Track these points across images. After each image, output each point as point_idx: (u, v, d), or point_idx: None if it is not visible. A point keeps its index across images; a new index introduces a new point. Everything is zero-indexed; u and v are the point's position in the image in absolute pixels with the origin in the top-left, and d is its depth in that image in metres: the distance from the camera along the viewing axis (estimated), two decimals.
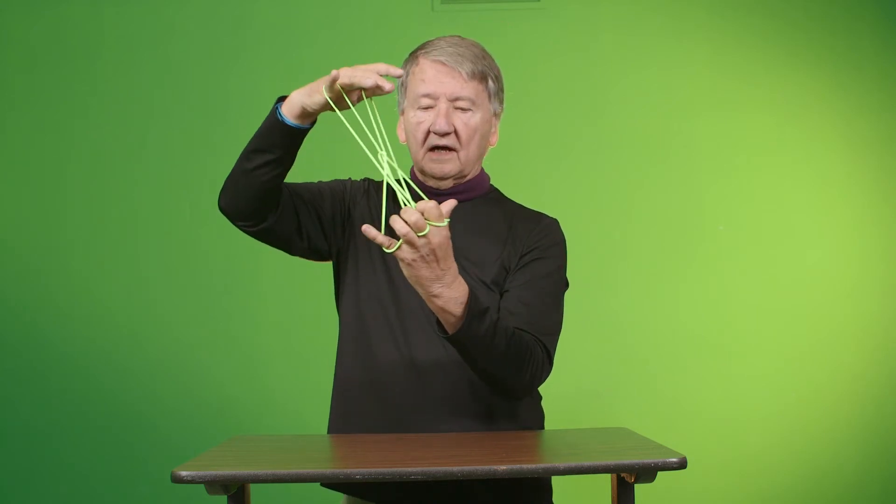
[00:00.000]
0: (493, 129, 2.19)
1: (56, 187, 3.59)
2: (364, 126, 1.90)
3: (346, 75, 1.92)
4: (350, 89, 1.93)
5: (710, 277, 3.59)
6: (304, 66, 3.59)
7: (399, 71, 1.97)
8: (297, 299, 3.56)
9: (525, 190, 2.29)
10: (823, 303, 3.59)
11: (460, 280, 1.88)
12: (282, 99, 2.01)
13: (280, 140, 2.00)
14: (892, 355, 3.59)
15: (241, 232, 3.70)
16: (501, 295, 2.11)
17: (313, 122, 2.02)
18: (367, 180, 2.24)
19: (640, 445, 1.83)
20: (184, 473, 1.60)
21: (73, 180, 3.59)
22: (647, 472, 1.65)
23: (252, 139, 2.04)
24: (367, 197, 2.20)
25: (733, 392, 3.56)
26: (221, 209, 2.11)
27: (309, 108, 1.97)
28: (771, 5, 3.64)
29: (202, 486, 1.64)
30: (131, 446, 3.52)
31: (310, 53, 3.61)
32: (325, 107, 1.96)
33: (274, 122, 2.00)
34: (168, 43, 3.62)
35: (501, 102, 2.19)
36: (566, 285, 2.17)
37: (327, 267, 2.24)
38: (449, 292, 1.87)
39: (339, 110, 1.95)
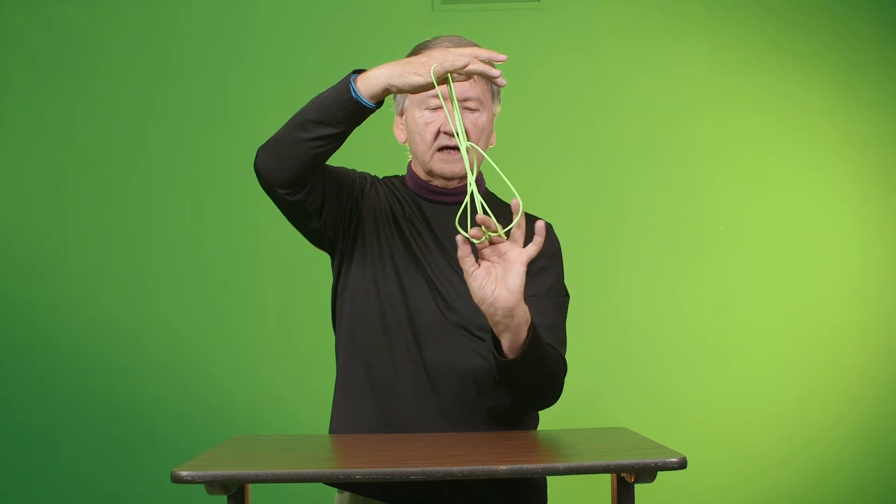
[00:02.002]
0: (492, 129, 2.19)
1: (56, 187, 3.59)
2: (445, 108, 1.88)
3: (474, 64, 1.86)
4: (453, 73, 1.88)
5: (709, 277, 3.59)
6: (305, 65, 3.60)
7: (503, 56, 1.90)
8: (297, 299, 3.56)
9: (525, 190, 2.29)
10: (823, 303, 3.59)
11: None
12: (355, 72, 1.93)
13: (347, 116, 1.92)
14: (892, 355, 3.59)
15: (240, 232, 3.71)
16: None
17: (382, 102, 1.95)
18: (370, 175, 2.23)
19: (640, 445, 1.83)
20: (184, 473, 1.60)
21: (73, 180, 3.59)
22: (647, 472, 1.65)
23: (312, 109, 1.95)
24: (375, 192, 2.17)
25: (733, 392, 3.56)
26: (259, 172, 2.00)
27: (394, 89, 1.90)
28: (771, 5, 3.64)
29: (202, 486, 1.64)
30: (131, 446, 3.52)
31: (310, 53, 3.61)
32: (418, 89, 1.89)
33: (347, 99, 1.91)
34: (168, 43, 3.62)
35: (499, 102, 2.20)
36: (567, 295, 2.18)
37: (327, 267, 2.23)
38: (525, 312, 1.86)
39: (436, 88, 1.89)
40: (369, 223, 2.13)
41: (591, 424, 2.30)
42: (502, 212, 2.21)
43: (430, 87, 1.88)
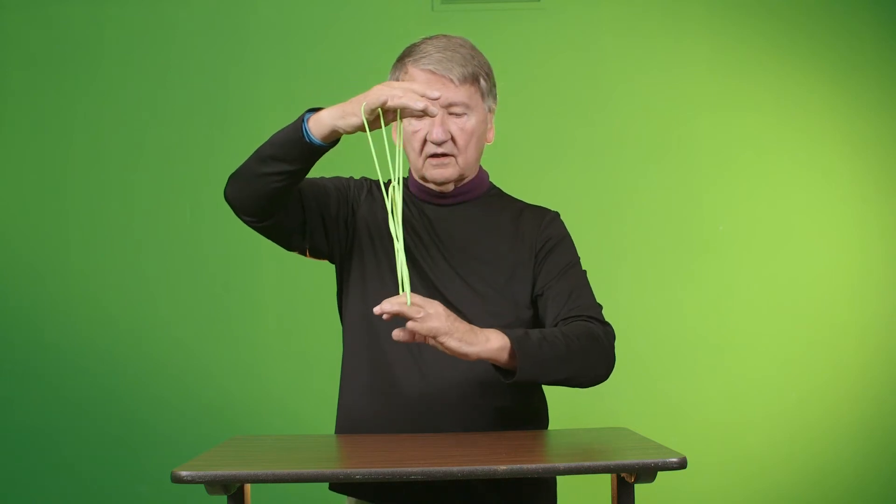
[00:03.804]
0: (489, 127, 2.18)
1: (56, 187, 3.59)
2: (377, 150, 1.88)
3: (391, 98, 1.85)
4: (389, 110, 1.88)
5: (709, 277, 3.59)
6: (305, 65, 3.60)
7: (437, 93, 1.89)
8: (297, 299, 3.56)
9: (524, 190, 2.30)
10: (823, 303, 3.59)
11: (486, 329, 1.90)
12: (310, 111, 1.94)
13: (301, 155, 1.93)
14: (892, 355, 3.59)
15: (240, 232, 3.71)
16: (535, 300, 2.12)
17: (337, 141, 1.95)
18: (368, 180, 2.23)
19: (640, 445, 1.83)
20: (184, 473, 1.60)
21: (73, 180, 3.59)
22: (647, 472, 1.65)
23: (270, 144, 1.96)
24: (372, 198, 2.18)
25: (733, 392, 3.56)
26: (227, 200, 2.04)
27: (341, 130, 1.90)
28: (771, 5, 3.64)
29: (202, 486, 1.64)
30: (131, 446, 3.52)
31: (310, 53, 3.61)
32: (359, 129, 1.89)
33: (298, 139, 1.92)
34: (168, 43, 3.62)
35: (495, 98, 2.17)
36: (586, 272, 2.19)
37: (327, 267, 2.24)
38: (487, 345, 1.88)
39: (372, 130, 1.89)
40: (366, 231, 2.14)
41: (591, 424, 2.30)
42: (506, 207, 2.22)
43: (363, 126, 1.88)
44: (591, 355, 2.01)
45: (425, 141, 2.09)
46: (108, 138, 3.60)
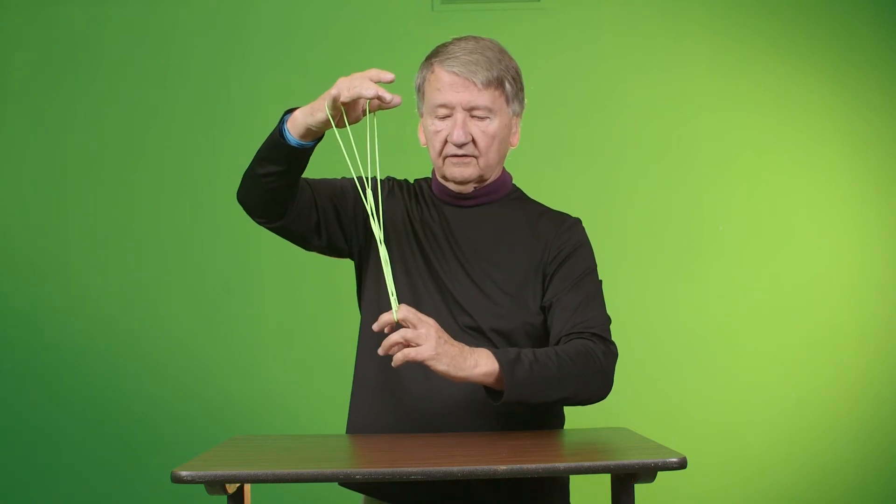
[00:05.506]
0: (513, 130, 2.18)
1: (56, 187, 3.59)
2: (348, 149, 1.89)
3: (346, 89, 1.87)
4: (352, 103, 1.90)
5: (709, 277, 3.59)
6: (305, 65, 3.60)
7: (390, 76, 1.89)
8: (297, 299, 3.56)
9: (525, 190, 2.30)
10: (823, 303, 3.58)
11: (477, 351, 1.90)
12: (288, 111, 1.96)
13: (285, 156, 1.96)
14: (892, 355, 3.59)
15: (240, 232, 3.72)
16: (545, 309, 2.11)
17: (319, 139, 1.97)
18: (392, 180, 2.23)
19: (640, 445, 1.83)
20: (184, 473, 1.60)
21: (73, 180, 3.59)
22: (647, 472, 1.65)
23: (262, 147, 2.00)
24: (392, 197, 2.19)
25: (733, 392, 3.56)
26: (238, 202, 2.09)
27: (313, 128, 1.92)
28: (771, 5, 3.64)
29: (202, 486, 1.64)
30: (131, 446, 3.52)
31: (310, 53, 3.61)
32: (325, 125, 1.91)
33: (277, 139, 1.95)
34: (168, 43, 3.62)
35: (521, 102, 2.18)
36: (601, 283, 2.17)
37: (327, 268, 2.24)
38: (475, 371, 1.89)
39: (340, 127, 1.90)
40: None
41: (591, 424, 2.30)
42: (526, 211, 2.21)
43: (329, 122, 1.89)
44: (585, 377, 2.00)
45: (446, 142, 2.10)
46: (108, 138, 3.60)
